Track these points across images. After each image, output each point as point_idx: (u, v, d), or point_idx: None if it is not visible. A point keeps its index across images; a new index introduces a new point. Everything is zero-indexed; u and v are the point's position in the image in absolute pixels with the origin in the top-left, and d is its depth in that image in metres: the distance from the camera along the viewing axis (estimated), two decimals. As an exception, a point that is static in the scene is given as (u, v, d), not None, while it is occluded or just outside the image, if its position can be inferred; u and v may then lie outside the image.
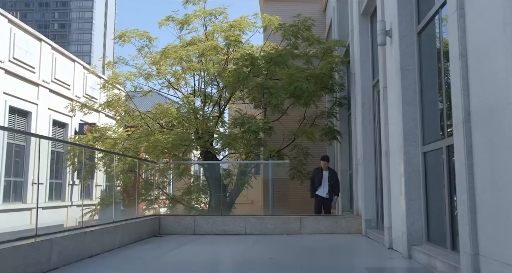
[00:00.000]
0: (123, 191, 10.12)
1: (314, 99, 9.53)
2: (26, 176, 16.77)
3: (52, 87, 17.90)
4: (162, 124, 10.81)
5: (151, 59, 11.03)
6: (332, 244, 6.80)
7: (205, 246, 6.75)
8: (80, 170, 11.12)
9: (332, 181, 9.25)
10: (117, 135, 10.90)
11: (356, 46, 8.35)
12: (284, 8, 13.83)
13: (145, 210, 10.38)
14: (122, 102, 11.05)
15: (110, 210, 9.79)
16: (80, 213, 15.49)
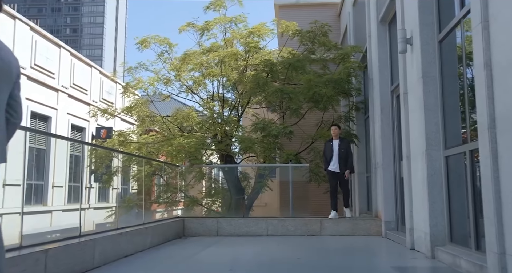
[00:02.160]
0: (145, 193, 10.40)
1: (333, 104, 9.75)
2: (47, 179, 17.20)
3: (71, 92, 18.34)
4: (182, 129, 11.10)
5: (172, 65, 11.34)
6: (354, 245, 7.00)
7: (231, 247, 6.98)
8: (102, 174, 11.41)
9: (343, 149, 8.45)
10: (139, 139, 11.20)
11: (374, 52, 8.56)
12: (299, 14, 14.10)
13: (164, 212, 10.65)
14: (144, 106, 11.36)
15: (132, 212, 10.09)
16: (98, 215, 15.85)
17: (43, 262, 3.71)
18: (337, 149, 8.43)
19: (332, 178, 8.60)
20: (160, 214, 10.49)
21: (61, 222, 16.16)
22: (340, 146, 8.45)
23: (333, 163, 8.44)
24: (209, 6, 11.75)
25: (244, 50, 10.86)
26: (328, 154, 8.53)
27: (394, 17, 7.56)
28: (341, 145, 8.46)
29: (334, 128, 8.61)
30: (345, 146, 8.51)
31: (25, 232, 9.21)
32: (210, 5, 11.79)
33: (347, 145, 8.62)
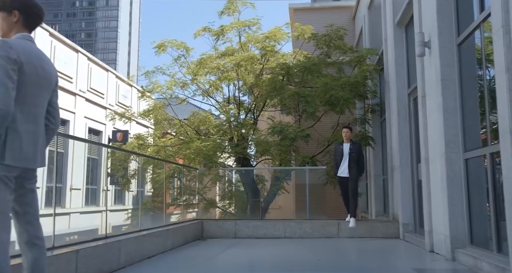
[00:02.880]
0: (161, 196, 10.56)
1: (349, 107, 9.80)
2: (65, 182, 17.49)
3: (88, 96, 18.64)
4: (199, 132, 11.24)
5: (190, 69, 11.50)
6: (373, 247, 7.03)
7: (250, 249, 7.07)
8: (121, 176, 11.59)
9: (354, 153, 7.87)
10: (158, 142, 11.37)
11: (390, 55, 8.60)
12: (314, 17, 14.18)
13: (181, 214, 10.78)
14: (162, 110, 11.53)
15: (151, 214, 10.23)
16: (114, 217, 16.05)
17: (74, 262, 3.84)
18: (348, 153, 7.89)
19: (341, 183, 8.14)
20: (177, 217, 10.63)
21: (79, 224, 16.42)
22: (351, 150, 7.90)
23: (342, 168, 7.94)
24: (223, 11, 11.91)
25: (261, 53, 10.97)
26: (339, 158, 8.04)
27: (411, 20, 7.60)
28: (352, 149, 7.92)
29: (346, 130, 8.09)
30: (357, 150, 7.97)
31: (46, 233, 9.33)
32: (225, 9, 11.94)
33: (359, 148, 8.12)
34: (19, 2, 2.66)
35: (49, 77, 2.70)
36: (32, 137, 2.54)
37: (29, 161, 2.52)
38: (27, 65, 2.50)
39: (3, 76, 2.36)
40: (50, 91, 2.72)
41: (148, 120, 12.56)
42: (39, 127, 2.62)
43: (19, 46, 2.50)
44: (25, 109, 2.50)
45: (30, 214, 2.58)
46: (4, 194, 2.38)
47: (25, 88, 2.49)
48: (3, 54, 2.40)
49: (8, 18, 2.64)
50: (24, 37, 2.63)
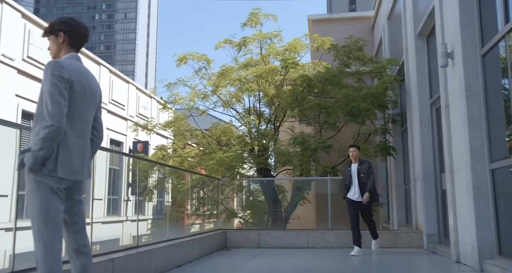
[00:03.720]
0: (184, 206, 10.71)
1: (371, 118, 9.84)
2: (88, 192, 17.78)
3: (109, 107, 19.01)
4: (220, 143, 11.40)
5: (210, 81, 11.71)
6: (398, 257, 7.03)
7: (275, 259, 7.13)
8: (146, 186, 11.78)
9: (362, 174, 7.15)
10: (181, 153, 11.56)
11: (412, 65, 8.64)
12: (332, 28, 14.30)
13: (203, 224, 10.89)
14: (184, 121, 11.74)
15: (175, 224, 10.37)
16: (135, 228, 16.22)
17: (110, 270, 3.98)
18: (356, 174, 7.20)
19: (352, 207, 7.29)
20: (199, 227, 10.74)
21: (101, 234, 16.67)
22: (359, 171, 7.18)
23: (353, 191, 7.22)
24: (245, 23, 12.14)
25: (282, 65, 11.13)
26: (347, 180, 7.35)
27: (432, 31, 7.65)
28: (361, 170, 7.19)
29: (353, 150, 7.44)
30: (366, 170, 7.20)
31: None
32: (247, 21, 12.16)
33: (369, 169, 7.26)
34: (64, 24, 2.83)
35: (95, 94, 2.86)
36: (80, 151, 2.70)
37: (78, 174, 2.67)
38: (77, 83, 2.66)
39: (57, 94, 2.53)
40: (95, 107, 2.88)
41: (171, 131, 12.78)
42: (86, 142, 2.78)
43: (69, 65, 2.67)
44: (74, 125, 2.66)
45: (78, 224, 2.72)
46: (56, 204, 2.53)
47: (74, 105, 2.65)
48: (56, 74, 2.56)
49: (56, 40, 2.82)
50: (73, 56, 2.80)
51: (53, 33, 2.83)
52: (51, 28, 2.83)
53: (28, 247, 9.70)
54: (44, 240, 2.45)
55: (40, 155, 2.46)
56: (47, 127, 2.47)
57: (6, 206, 13.08)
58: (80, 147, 2.69)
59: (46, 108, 2.51)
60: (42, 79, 2.63)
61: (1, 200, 12.19)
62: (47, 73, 2.58)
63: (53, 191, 2.52)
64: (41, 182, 2.50)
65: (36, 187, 2.50)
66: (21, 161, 2.54)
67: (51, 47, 2.85)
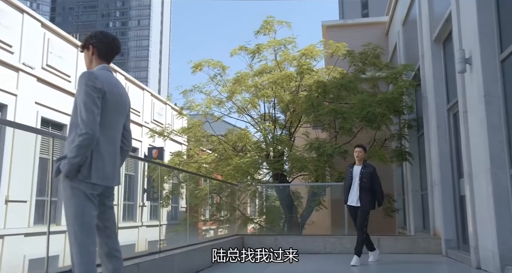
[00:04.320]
0: (201, 211, 10.80)
1: (387, 123, 9.85)
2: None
3: (126, 114, 19.28)
4: (236, 148, 11.50)
5: (225, 87, 11.83)
6: (417, 263, 7.01)
7: (294, 264, 7.14)
8: (159, 192, 11.89)
9: (365, 179, 6.48)
10: (198, 159, 11.67)
11: (428, 70, 8.65)
12: (346, 33, 14.34)
13: (220, 230, 10.97)
14: (201, 127, 11.87)
15: (191, 230, 10.44)
16: (150, 233, 16.34)
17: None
18: (358, 178, 6.54)
19: (353, 213, 6.74)
20: (213, 232, 10.82)
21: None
22: (362, 174, 6.52)
23: (352, 196, 6.58)
24: (259, 30, 12.25)
25: (297, 71, 11.21)
26: (347, 182, 6.71)
27: (449, 36, 7.66)
28: (364, 173, 6.52)
29: (359, 150, 6.78)
30: (369, 174, 6.52)
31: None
32: (261, 29, 12.28)
33: (372, 173, 6.58)
34: (93, 38, 2.95)
35: (125, 103, 2.96)
36: (112, 158, 2.79)
37: (109, 180, 2.77)
38: (109, 93, 2.76)
39: (91, 103, 2.63)
40: (125, 116, 2.98)
41: (187, 137, 12.92)
42: (117, 149, 2.88)
43: (102, 76, 2.77)
44: (106, 133, 2.76)
45: (109, 229, 2.81)
46: (90, 210, 2.63)
47: (106, 114, 2.75)
48: (90, 84, 2.67)
49: (87, 53, 2.95)
50: (104, 68, 2.91)
51: (85, 47, 2.95)
52: (84, 42, 2.96)
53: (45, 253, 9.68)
54: (79, 244, 2.54)
55: (75, 162, 2.56)
56: (81, 134, 2.57)
57: (25, 212, 13.29)
58: (111, 154, 2.79)
59: (80, 117, 2.62)
60: (76, 89, 2.74)
61: (21, 205, 12.45)
62: (81, 83, 2.69)
63: (87, 197, 2.62)
64: (76, 188, 2.60)
65: (72, 193, 2.60)
66: (57, 168, 2.64)
67: (84, 59, 2.97)
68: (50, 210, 3.67)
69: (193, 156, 12.12)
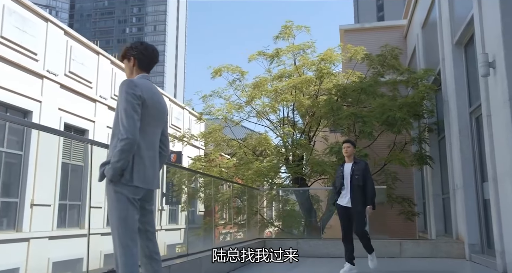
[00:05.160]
0: (223, 215, 10.91)
1: (407, 127, 9.84)
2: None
3: (145, 119, 19.57)
4: (256, 153, 11.60)
5: (245, 92, 11.96)
6: (441, 268, 7.00)
7: (317, 267, 7.21)
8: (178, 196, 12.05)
9: (357, 176, 5.93)
10: (220, 163, 11.81)
11: (449, 74, 8.63)
12: (364, 37, 14.36)
13: (241, 233, 11.05)
14: (221, 132, 12.01)
15: (211, 234, 10.55)
16: (169, 237, 16.50)
17: (168, 276, 4.18)
18: (349, 176, 5.98)
19: (343, 215, 6.16)
20: (233, 235, 10.91)
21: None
22: (353, 172, 5.96)
23: (344, 195, 6.05)
24: (278, 36, 12.37)
25: (317, 75, 11.28)
26: (338, 182, 6.16)
27: (471, 40, 7.66)
28: (355, 170, 5.97)
29: (347, 145, 6.18)
30: (361, 171, 5.97)
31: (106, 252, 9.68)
32: (280, 34, 12.39)
33: (364, 170, 6.01)
34: (133, 50, 3.06)
35: (163, 110, 3.08)
36: (152, 162, 2.91)
37: (150, 183, 2.88)
38: (149, 100, 2.88)
39: (131, 110, 2.76)
40: (163, 122, 3.10)
41: (205, 142, 13.06)
42: (156, 154, 3.00)
43: (142, 84, 2.89)
44: (146, 138, 2.88)
45: (150, 232, 2.92)
46: (133, 213, 2.75)
47: (146, 120, 2.87)
48: (130, 91, 2.80)
49: (128, 64, 3.07)
50: (144, 77, 3.03)
51: (126, 57, 3.07)
52: (124, 53, 3.08)
53: (69, 255, 9.95)
54: (123, 246, 2.65)
55: (118, 166, 2.68)
56: (122, 140, 2.69)
57: (49, 215, 13.52)
58: (151, 158, 2.91)
59: (121, 123, 2.74)
60: (117, 97, 2.86)
61: (45, 209, 12.71)
62: (121, 91, 2.81)
63: (130, 201, 2.74)
64: (120, 192, 2.72)
65: (115, 197, 2.72)
66: (102, 173, 2.77)
67: (125, 69, 3.11)
68: (90, 213, 3.79)
69: (213, 161, 12.26)
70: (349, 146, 6.17)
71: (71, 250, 13.92)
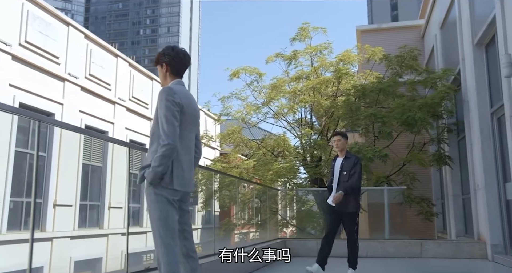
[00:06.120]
0: (243, 215, 11.02)
1: (427, 127, 9.84)
2: (142, 202, 18.51)
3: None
4: (275, 153, 11.69)
5: (262, 93, 12.07)
6: (463, 269, 6.99)
7: (338, 267, 7.22)
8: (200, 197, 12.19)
9: (345, 172, 5.36)
10: (240, 164, 11.93)
11: (469, 75, 8.61)
12: (381, 37, 14.34)
13: (262, 233, 11.13)
14: (240, 133, 12.14)
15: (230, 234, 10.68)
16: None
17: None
18: (339, 172, 5.44)
19: (330, 214, 5.63)
20: (254, 236, 10.98)
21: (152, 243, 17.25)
22: (343, 167, 5.41)
23: (333, 194, 5.51)
24: (295, 37, 12.44)
25: (335, 76, 11.33)
26: (330, 178, 5.71)
27: (492, 40, 7.64)
28: (345, 166, 5.41)
29: (337, 138, 5.58)
30: (350, 167, 5.39)
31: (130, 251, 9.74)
32: (296, 36, 12.46)
33: (354, 166, 5.42)
34: (166, 56, 3.15)
35: (198, 115, 3.19)
36: (189, 165, 3.02)
37: (187, 186, 2.99)
38: (186, 106, 2.99)
39: (171, 117, 2.86)
40: (197, 126, 3.21)
41: (228, 143, 13.21)
42: (192, 157, 3.10)
43: (180, 91, 3.00)
44: (183, 142, 2.98)
45: (187, 231, 3.03)
46: (172, 214, 2.86)
47: (183, 125, 2.97)
48: (170, 99, 2.90)
49: (161, 70, 3.16)
50: (179, 83, 3.13)
51: (158, 63, 3.17)
52: (157, 59, 3.18)
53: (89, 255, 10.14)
54: (165, 246, 2.77)
55: (159, 171, 2.79)
56: (164, 145, 2.80)
57: (71, 215, 13.77)
58: (188, 162, 3.02)
59: (162, 129, 2.85)
60: (157, 103, 2.97)
61: (67, 209, 12.96)
62: (161, 98, 2.92)
63: (169, 203, 2.85)
64: (160, 194, 2.83)
65: (156, 199, 2.84)
66: (142, 176, 2.88)
67: (158, 75, 3.21)
68: (129, 214, 3.93)
69: (231, 161, 12.39)
70: (339, 139, 5.55)
71: (91, 249, 14.20)
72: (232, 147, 12.98)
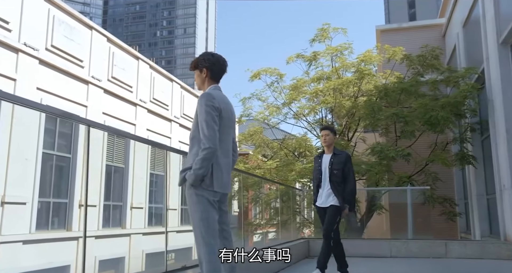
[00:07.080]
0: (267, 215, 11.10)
1: (451, 126, 9.79)
2: (164, 203, 18.74)
3: (181, 121, 20.01)
4: (296, 154, 11.75)
5: (283, 93, 12.15)
6: (493, 270, 6.94)
7: (362, 267, 7.27)
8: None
9: (335, 170, 4.90)
10: (263, 165, 12.03)
11: (494, 74, 8.54)
12: (401, 37, 14.29)
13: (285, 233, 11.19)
14: (262, 134, 12.24)
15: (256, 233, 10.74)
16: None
17: None
18: (328, 171, 4.97)
19: (321, 216, 5.25)
20: (277, 235, 11.04)
21: (176, 243, 17.46)
22: (332, 165, 4.95)
23: (320, 194, 5.06)
24: (314, 39, 12.48)
25: (357, 77, 11.35)
26: (316, 177, 5.16)
27: (518, 39, 7.58)
28: (334, 164, 4.94)
29: (326, 132, 5.11)
30: (341, 165, 4.93)
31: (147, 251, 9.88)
32: (316, 37, 12.49)
33: (345, 163, 4.95)
34: (206, 62, 3.24)
35: (234, 118, 3.29)
36: (227, 168, 3.12)
37: (226, 187, 3.10)
38: (224, 111, 3.09)
39: (211, 121, 2.96)
40: (234, 129, 3.31)
41: (250, 143, 13.32)
42: (230, 159, 3.20)
43: (218, 96, 3.10)
44: (222, 146, 3.08)
45: (226, 231, 3.13)
46: (213, 214, 2.96)
47: (222, 129, 3.07)
48: (209, 104, 3.00)
49: (200, 75, 3.25)
50: (216, 87, 3.23)
51: (197, 68, 3.27)
52: (196, 64, 3.27)
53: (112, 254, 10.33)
54: (207, 245, 2.87)
55: (200, 173, 2.90)
56: (205, 149, 2.90)
57: (95, 215, 14.05)
58: (226, 164, 3.12)
59: (203, 133, 2.95)
60: (197, 108, 3.07)
61: (91, 209, 13.20)
62: (201, 103, 3.02)
63: (210, 203, 2.95)
64: (200, 195, 2.94)
65: (197, 200, 2.94)
66: (183, 178, 2.99)
67: (196, 80, 3.30)
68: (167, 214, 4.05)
69: (253, 162, 12.48)
70: (327, 134, 5.09)
71: (115, 249, 14.45)
72: (253, 148, 13.07)
